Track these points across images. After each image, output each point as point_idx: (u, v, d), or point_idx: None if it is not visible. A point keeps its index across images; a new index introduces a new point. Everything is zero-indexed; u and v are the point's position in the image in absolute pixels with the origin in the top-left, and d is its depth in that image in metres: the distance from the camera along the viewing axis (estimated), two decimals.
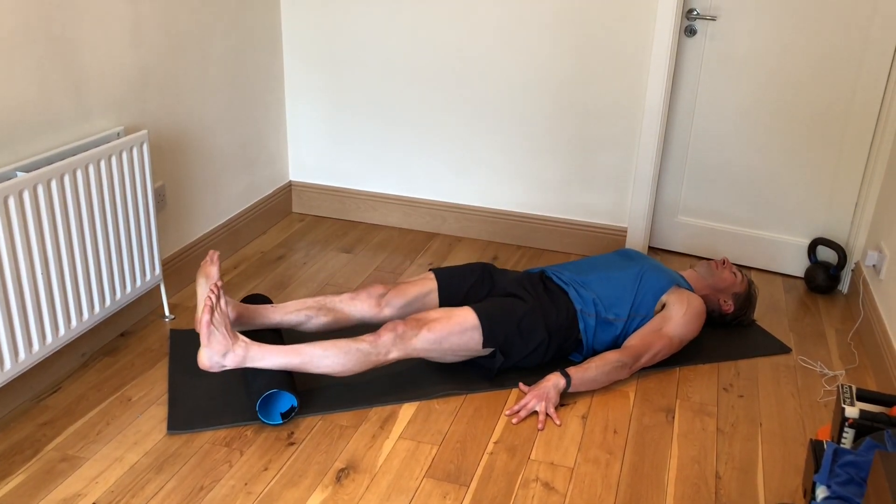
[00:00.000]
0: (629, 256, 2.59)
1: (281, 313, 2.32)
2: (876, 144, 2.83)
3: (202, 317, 2.02)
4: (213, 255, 2.27)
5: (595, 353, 2.42)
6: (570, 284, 2.43)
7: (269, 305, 2.33)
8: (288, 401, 2.12)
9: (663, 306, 2.42)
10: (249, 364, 2.06)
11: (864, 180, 2.90)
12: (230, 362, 2.04)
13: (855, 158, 2.89)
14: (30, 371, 2.16)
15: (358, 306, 2.36)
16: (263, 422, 2.09)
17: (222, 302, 2.06)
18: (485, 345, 2.24)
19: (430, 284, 2.45)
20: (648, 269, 2.48)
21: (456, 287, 2.46)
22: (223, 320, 2.04)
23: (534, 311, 2.32)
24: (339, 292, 2.44)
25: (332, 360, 2.10)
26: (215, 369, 2.05)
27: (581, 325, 2.36)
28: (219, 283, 2.07)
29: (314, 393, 2.22)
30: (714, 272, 2.61)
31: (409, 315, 2.33)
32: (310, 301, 2.35)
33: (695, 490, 1.93)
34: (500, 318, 2.26)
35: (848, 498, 1.39)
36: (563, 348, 2.37)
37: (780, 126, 2.94)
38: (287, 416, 2.11)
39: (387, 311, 2.38)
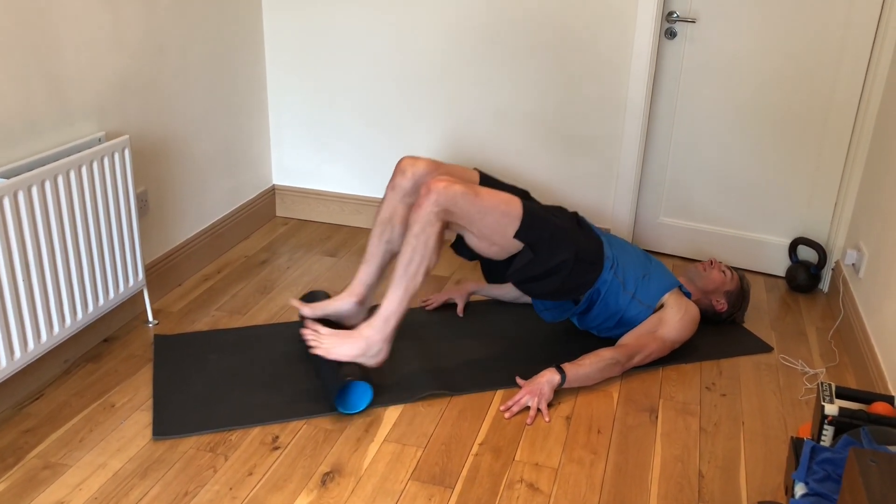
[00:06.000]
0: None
1: (376, 264, 2.35)
2: (854, 144, 2.86)
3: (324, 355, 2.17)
4: (298, 305, 2.38)
5: (590, 327, 2.50)
6: (601, 235, 2.46)
7: (363, 273, 2.37)
8: (363, 394, 2.20)
9: (661, 306, 2.44)
10: (386, 326, 2.15)
11: (843, 180, 2.93)
12: (377, 339, 2.16)
13: (834, 159, 2.92)
14: (12, 378, 2.14)
15: (401, 192, 2.32)
16: (340, 412, 2.16)
17: (317, 327, 2.20)
18: (516, 236, 2.21)
19: (473, 176, 2.40)
20: (657, 263, 2.54)
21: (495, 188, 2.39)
22: (334, 336, 2.17)
23: (568, 232, 2.31)
24: (379, 208, 2.39)
25: (414, 257, 2.12)
26: (383, 354, 2.19)
27: (604, 270, 2.36)
28: (308, 318, 2.31)
29: (298, 397, 2.22)
30: (702, 275, 2.63)
31: None
32: (375, 238, 2.35)
33: (678, 489, 1.94)
34: (539, 219, 2.25)
35: (825, 494, 1.40)
36: (577, 287, 2.35)
37: (760, 127, 2.97)
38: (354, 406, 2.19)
39: (421, 166, 2.33)
